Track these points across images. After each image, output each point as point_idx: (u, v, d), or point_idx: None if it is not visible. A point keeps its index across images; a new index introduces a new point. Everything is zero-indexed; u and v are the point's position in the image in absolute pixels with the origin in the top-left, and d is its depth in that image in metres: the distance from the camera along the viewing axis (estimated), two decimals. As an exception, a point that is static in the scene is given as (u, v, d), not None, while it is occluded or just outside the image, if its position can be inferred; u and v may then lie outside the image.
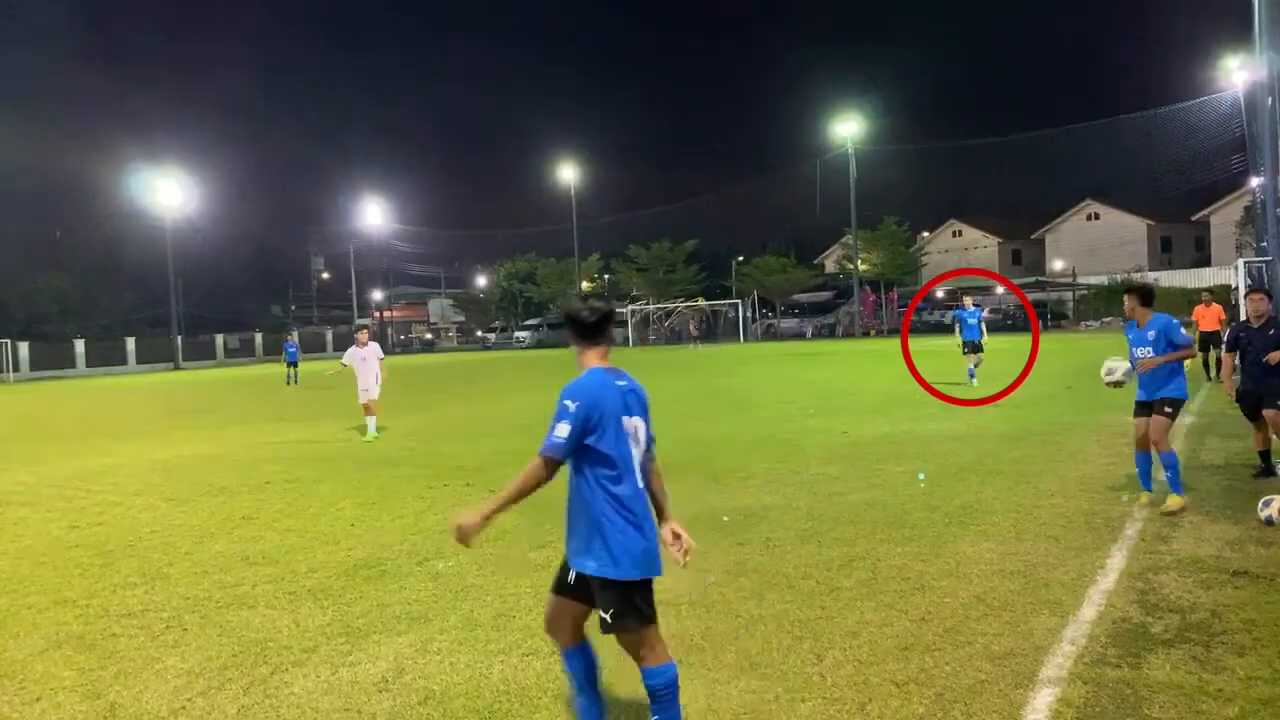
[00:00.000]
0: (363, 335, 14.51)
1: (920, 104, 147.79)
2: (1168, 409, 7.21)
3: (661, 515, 3.56)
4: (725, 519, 7.44)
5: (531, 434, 15.86)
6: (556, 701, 4.12)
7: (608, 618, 3.34)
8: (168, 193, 55.99)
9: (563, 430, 3.29)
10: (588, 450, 3.36)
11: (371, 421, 14.08)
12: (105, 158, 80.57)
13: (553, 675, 4.40)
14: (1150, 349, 7.25)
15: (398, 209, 76.38)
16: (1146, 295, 7.50)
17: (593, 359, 3.52)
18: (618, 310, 67.05)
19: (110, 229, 64.35)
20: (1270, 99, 18.68)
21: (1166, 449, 7.15)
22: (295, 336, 40.65)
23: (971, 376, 18.10)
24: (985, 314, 24.70)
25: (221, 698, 4.35)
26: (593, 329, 3.52)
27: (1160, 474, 7.23)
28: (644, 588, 3.40)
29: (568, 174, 67.36)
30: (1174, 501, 7.01)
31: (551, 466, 3.31)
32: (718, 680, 4.26)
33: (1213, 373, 17.57)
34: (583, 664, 3.56)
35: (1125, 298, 7.62)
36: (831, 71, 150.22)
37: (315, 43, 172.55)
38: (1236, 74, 34.27)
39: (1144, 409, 7.40)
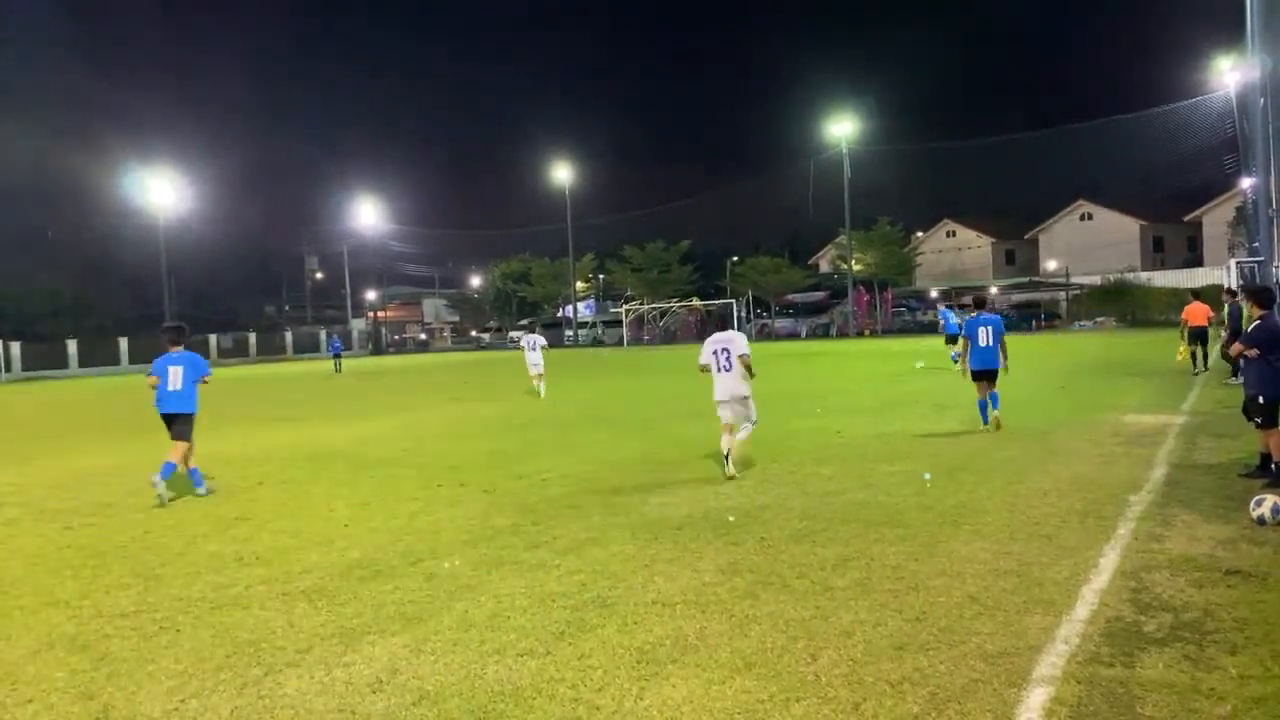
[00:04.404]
0: (532, 331, 22.32)
1: (914, 104, 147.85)
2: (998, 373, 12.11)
3: None
4: (731, 519, 7.44)
5: (524, 433, 15.82)
6: (551, 702, 4.12)
7: None
8: (161, 192, 55.75)
9: None
10: None
11: (541, 386, 20.22)
12: (98, 157, 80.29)
13: (547, 676, 4.40)
14: (990, 327, 11.94)
15: (392, 209, 76.34)
16: (981, 303, 12.99)
17: None
18: (614, 310, 67.39)
19: (103, 228, 64.13)
20: (1262, 100, 18.74)
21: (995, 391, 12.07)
22: (338, 332, 58.24)
23: (956, 360, 22.61)
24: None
25: (215, 699, 4.34)
26: None
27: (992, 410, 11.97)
28: None
29: (562, 174, 67.34)
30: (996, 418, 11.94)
31: None
32: (712, 680, 4.26)
33: (1198, 364, 18.69)
34: None
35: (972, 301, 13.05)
36: (826, 72, 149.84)
37: (310, 43, 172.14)
38: (1229, 75, 34.41)
39: (983, 375, 12.07)
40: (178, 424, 9.80)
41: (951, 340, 22.57)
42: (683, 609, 5.27)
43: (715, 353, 9.81)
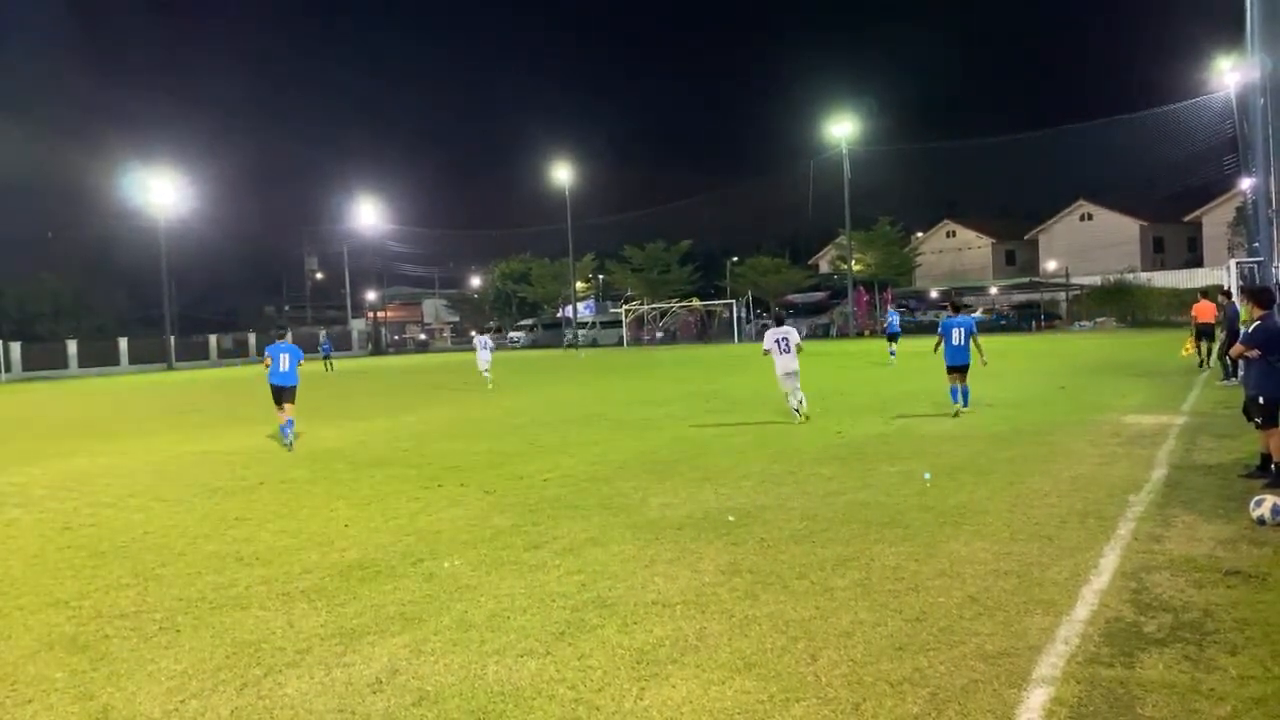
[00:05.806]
0: (484, 333, 28.18)
1: (914, 104, 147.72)
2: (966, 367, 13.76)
3: None
4: (731, 519, 7.45)
5: (525, 433, 15.80)
6: (551, 702, 4.12)
7: None
8: (161, 192, 55.69)
9: None
10: None
11: (487, 376, 24.95)
12: (98, 157, 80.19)
13: (547, 676, 4.40)
14: (962, 328, 13.67)
15: (392, 209, 76.23)
16: (956, 306, 14.94)
17: None
18: (614, 310, 67.51)
19: (103, 228, 64.11)
20: (1262, 99, 18.74)
21: (966, 385, 13.67)
22: (332, 334, 61.28)
23: (892, 355, 26.59)
24: (979, 314, 33.59)
25: (215, 699, 4.34)
26: None
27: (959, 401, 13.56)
28: None
29: (562, 174, 67.23)
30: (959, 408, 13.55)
31: None
32: (712, 680, 4.26)
33: (1204, 359, 19.38)
34: None
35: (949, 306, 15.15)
36: (826, 72, 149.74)
37: (310, 42, 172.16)
38: (1229, 75, 34.37)
39: (955, 369, 13.71)
40: (287, 394, 13.42)
41: (891, 338, 27.69)
42: (683, 609, 5.27)
43: (777, 341, 13.33)
